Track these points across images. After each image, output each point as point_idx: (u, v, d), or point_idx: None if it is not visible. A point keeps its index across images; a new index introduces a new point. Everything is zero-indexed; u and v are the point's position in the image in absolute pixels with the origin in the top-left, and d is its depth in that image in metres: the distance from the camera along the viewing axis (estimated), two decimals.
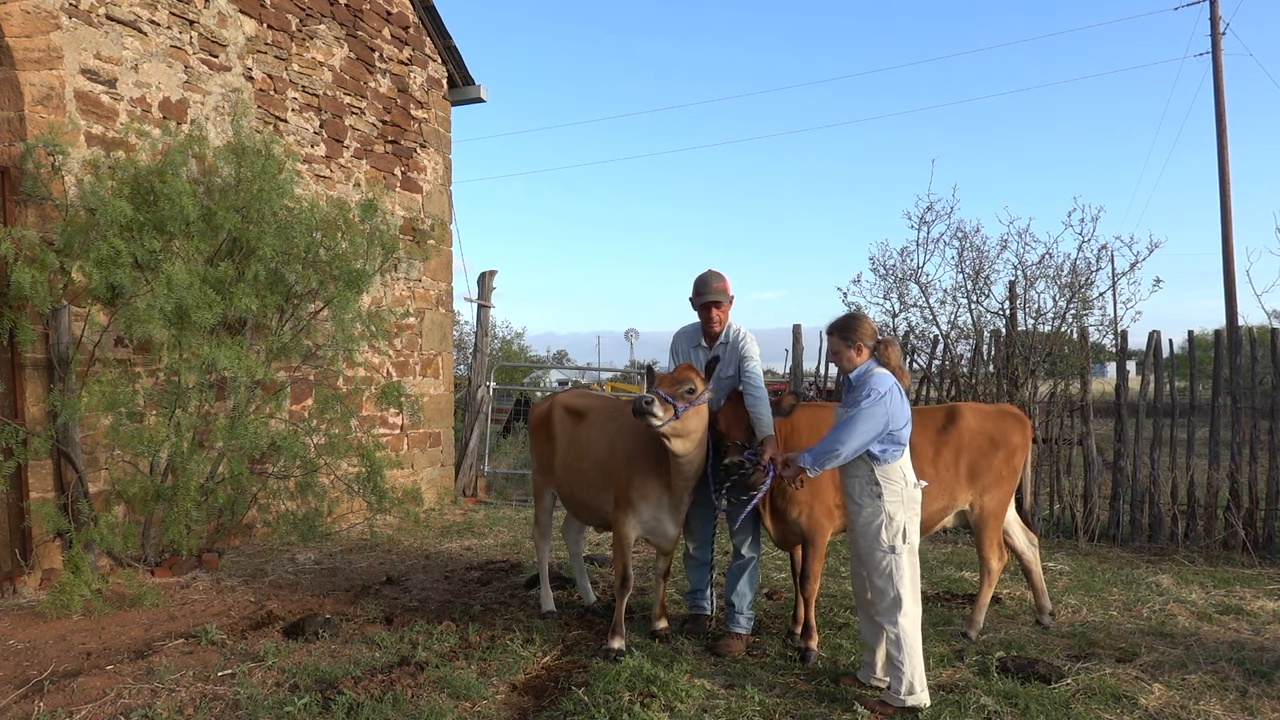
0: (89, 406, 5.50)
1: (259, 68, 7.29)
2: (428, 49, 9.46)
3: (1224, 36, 19.99)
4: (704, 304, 4.87)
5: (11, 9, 5.49)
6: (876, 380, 3.90)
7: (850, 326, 4.06)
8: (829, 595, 5.73)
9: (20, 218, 5.55)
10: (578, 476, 5.05)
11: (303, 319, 6.96)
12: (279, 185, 6.24)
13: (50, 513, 5.40)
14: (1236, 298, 19.11)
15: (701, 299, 4.87)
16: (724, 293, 4.85)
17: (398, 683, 4.04)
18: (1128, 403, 7.78)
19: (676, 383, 4.32)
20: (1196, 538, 7.37)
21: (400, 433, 9.00)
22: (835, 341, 4.08)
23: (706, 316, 4.90)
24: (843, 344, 4.05)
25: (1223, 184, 19.72)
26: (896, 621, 3.84)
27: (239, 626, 5.00)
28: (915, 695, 3.80)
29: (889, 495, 3.89)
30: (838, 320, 4.14)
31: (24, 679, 4.17)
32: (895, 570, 3.87)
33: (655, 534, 4.70)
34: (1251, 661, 4.46)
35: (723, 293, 4.84)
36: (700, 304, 4.90)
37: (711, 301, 4.84)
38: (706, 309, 4.88)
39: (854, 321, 4.08)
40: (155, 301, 5.43)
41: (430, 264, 9.45)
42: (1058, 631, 5.02)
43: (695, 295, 4.92)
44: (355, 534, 7.60)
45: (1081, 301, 8.46)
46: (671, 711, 3.80)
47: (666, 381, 4.35)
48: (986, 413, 5.10)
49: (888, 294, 9.03)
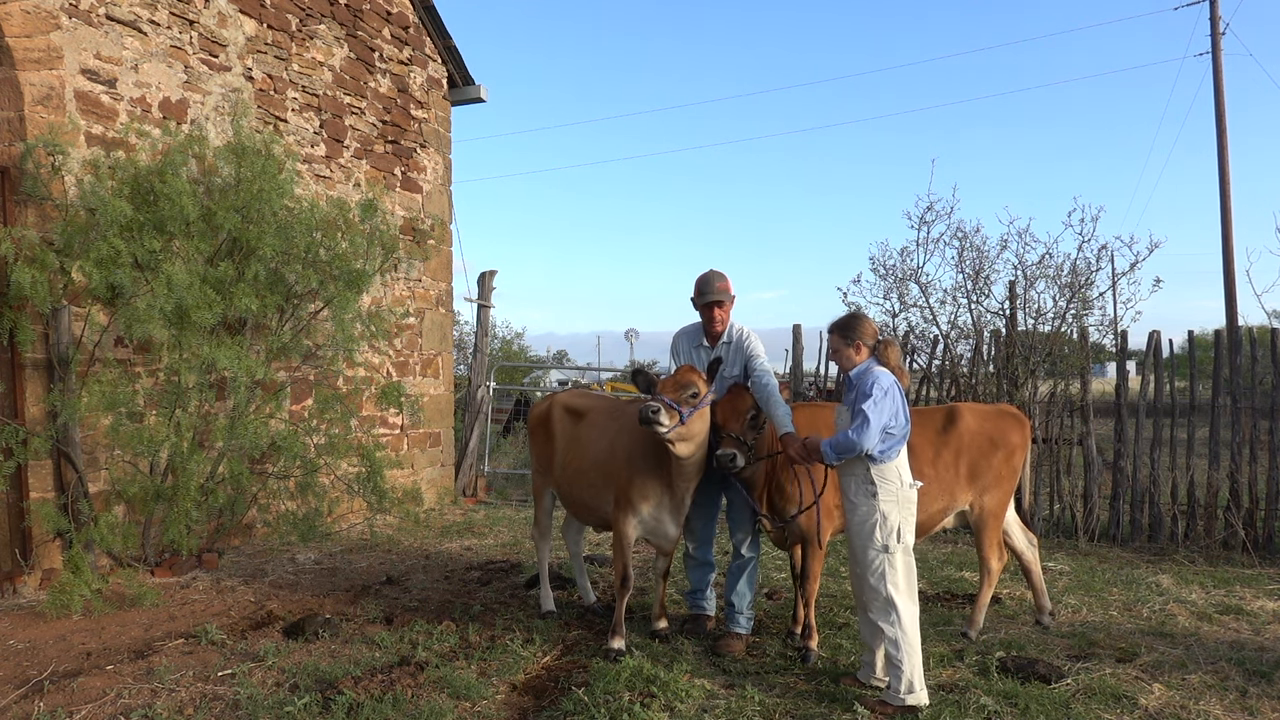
0: (89, 406, 5.50)
1: (259, 68, 7.29)
2: (428, 49, 9.46)
3: (1224, 36, 19.99)
4: (706, 304, 4.87)
5: (11, 9, 5.49)
6: (878, 377, 3.94)
7: (850, 325, 4.10)
8: (829, 595, 5.73)
9: (20, 218, 5.55)
10: (577, 476, 5.04)
11: (303, 319, 6.96)
12: (279, 185, 6.24)
13: (50, 513, 5.40)
14: (1236, 298, 19.12)
15: (704, 299, 4.87)
16: (726, 292, 4.86)
17: (398, 683, 4.05)
18: (1128, 403, 7.78)
19: (680, 387, 4.30)
20: (1196, 538, 7.37)
21: (400, 433, 9.00)
22: (835, 340, 4.13)
23: (709, 316, 4.90)
24: (842, 342, 4.09)
25: (1223, 184, 19.72)
26: (892, 621, 3.85)
27: (239, 626, 5.00)
28: (915, 694, 3.81)
29: (884, 495, 3.91)
30: (839, 319, 4.18)
31: (24, 679, 4.17)
32: (888, 570, 3.89)
33: (655, 534, 4.70)
34: (1251, 661, 4.46)
35: (725, 292, 4.85)
36: (703, 304, 4.90)
37: (714, 301, 4.85)
38: (709, 309, 4.88)
39: (854, 321, 4.12)
40: (155, 301, 5.43)
41: (430, 264, 9.45)
42: (1058, 631, 5.02)
43: (697, 295, 4.92)
44: (355, 534, 7.60)
45: (1081, 301, 8.46)
46: (671, 711, 3.80)
47: (670, 386, 4.32)
48: (985, 413, 5.10)
49: (888, 294, 9.05)
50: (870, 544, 3.92)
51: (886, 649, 3.90)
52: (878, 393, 3.87)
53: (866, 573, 3.94)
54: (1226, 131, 19.48)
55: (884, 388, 3.89)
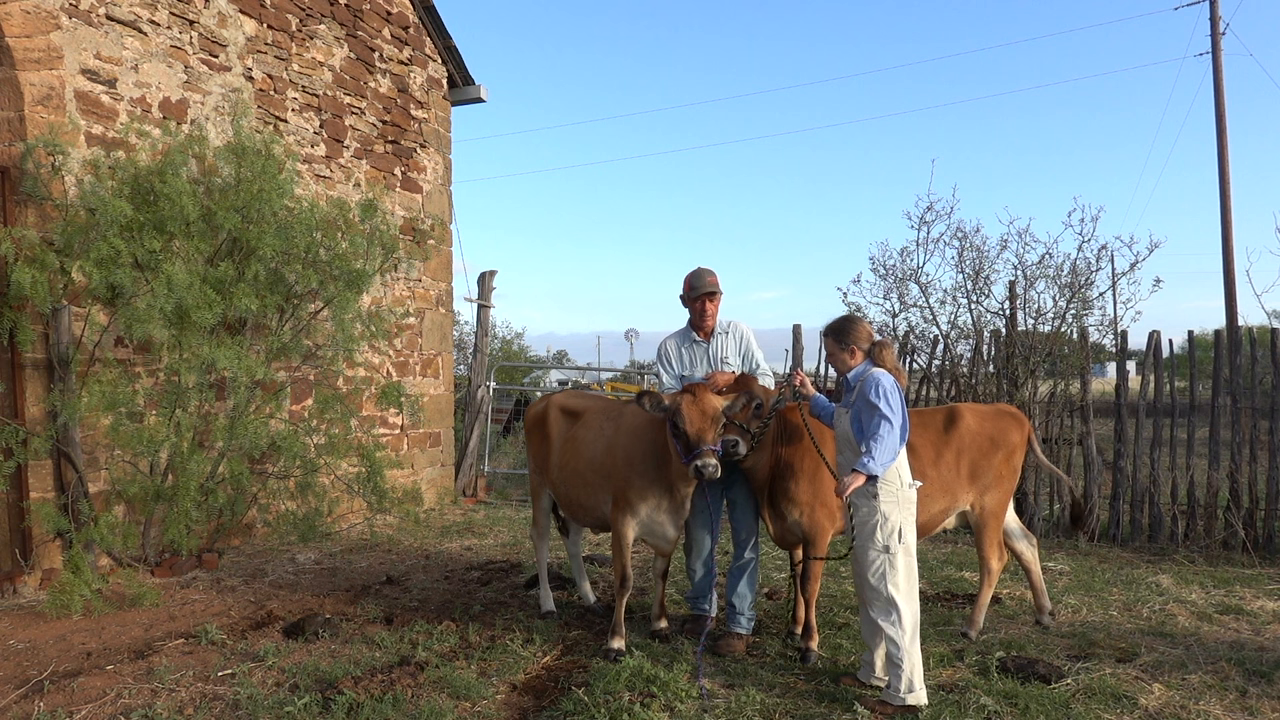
0: (89, 406, 5.49)
1: (259, 68, 7.29)
2: (428, 49, 9.46)
3: (1224, 36, 19.99)
4: (698, 297, 5.00)
5: (11, 9, 5.49)
6: (878, 379, 3.97)
7: (844, 330, 4.15)
8: (829, 595, 5.73)
9: (20, 218, 5.55)
10: (574, 477, 5.02)
11: (303, 319, 6.96)
12: (279, 185, 6.24)
13: (50, 513, 5.40)
14: (1236, 298, 19.11)
15: (696, 292, 5.01)
16: (717, 285, 5.03)
17: (398, 683, 4.05)
18: (1128, 403, 7.78)
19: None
20: (1196, 538, 7.37)
21: (400, 433, 9.00)
22: (830, 344, 4.19)
23: (701, 310, 5.02)
24: (837, 347, 4.15)
25: (1223, 184, 19.71)
26: (893, 621, 3.87)
27: (239, 626, 5.00)
28: (914, 693, 3.82)
29: (884, 495, 3.92)
30: (832, 323, 4.24)
31: (24, 679, 4.17)
32: (889, 570, 3.91)
33: (654, 535, 4.69)
34: (1251, 661, 4.46)
35: (716, 285, 5.02)
36: (695, 297, 5.02)
37: (708, 293, 5.00)
38: (701, 302, 5.01)
39: (848, 324, 4.18)
40: (155, 301, 5.43)
41: (430, 264, 9.45)
42: (1058, 631, 5.02)
43: (689, 290, 5.04)
44: (355, 534, 7.60)
45: (1081, 301, 8.46)
46: (671, 711, 3.80)
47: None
48: (985, 413, 5.10)
49: (888, 294, 9.03)
50: (871, 544, 3.93)
51: (887, 648, 3.91)
52: (884, 393, 3.91)
53: (867, 573, 3.95)
54: (1226, 131, 19.49)
55: (886, 387, 3.93)
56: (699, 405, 4.21)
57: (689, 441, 4.15)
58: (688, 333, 5.14)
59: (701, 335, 5.07)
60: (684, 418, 4.17)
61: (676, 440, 4.25)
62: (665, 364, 5.14)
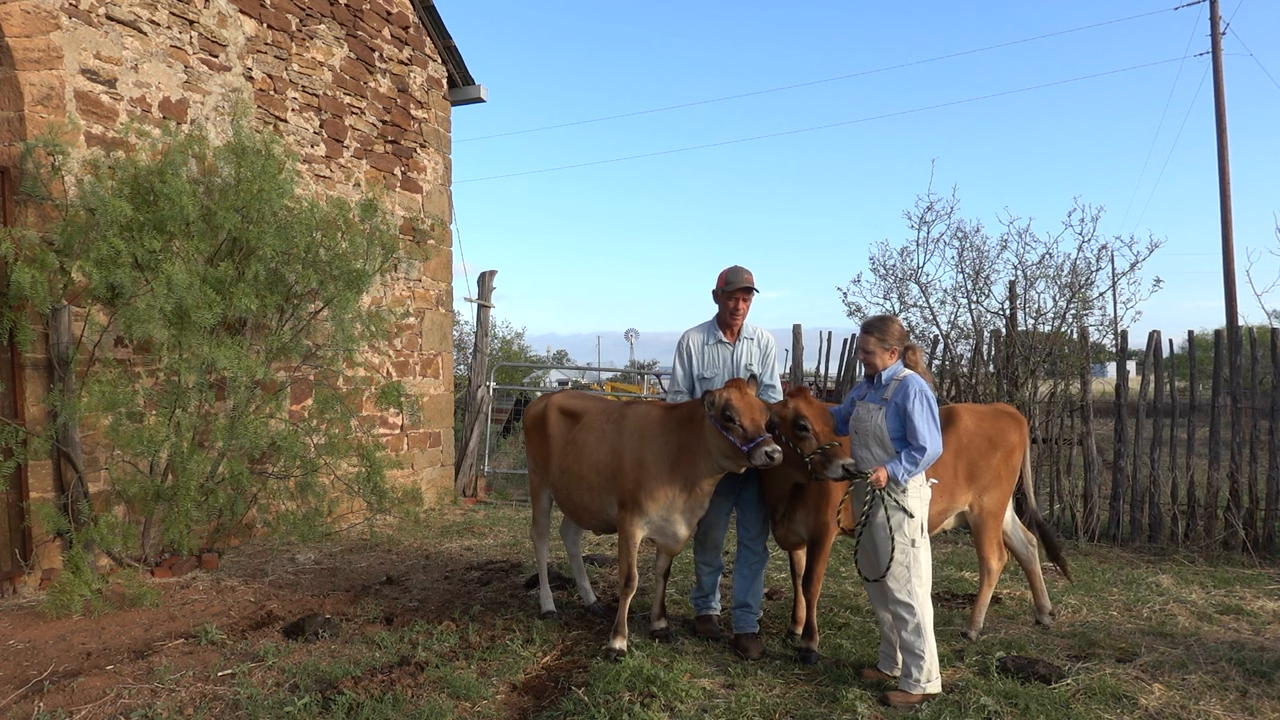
0: (89, 406, 5.49)
1: (259, 68, 7.29)
2: (428, 49, 9.46)
3: (1224, 36, 19.99)
4: (734, 292, 4.92)
5: (11, 9, 5.49)
6: (912, 380, 4.06)
7: (885, 329, 4.20)
8: (829, 595, 5.73)
9: (20, 218, 5.54)
10: (575, 479, 4.97)
11: (303, 319, 6.96)
12: (279, 185, 6.23)
13: (50, 513, 5.40)
14: (1236, 298, 19.11)
15: (733, 286, 4.92)
16: (753, 283, 4.93)
17: (398, 683, 4.05)
18: (1128, 403, 7.78)
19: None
20: (1196, 538, 7.37)
21: (400, 433, 9.00)
22: (872, 341, 4.19)
23: (734, 308, 4.95)
24: (880, 346, 4.17)
25: (1223, 184, 19.71)
26: (914, 612, 3.99)
27: (239, 626, 5.00)
28: (933, 682, 3.97)
29: (911, 492, 4.06)
30: (872, 319, 4.30)
31: (24, 679, 4.17)
32: (913, 564, 4.03)
33: (664, 535, 4.65)
34: (1251, 661, 4.46)
35: (752, 283, 4.93)
36: (730, 292, 4.93)
37: (743, 289, 4.91)
38: (736, 299, 4.94)
39: (887, 324, 4.23)
40: (155, 301, 5.43)
41: (430, 264, 9.45)
42: (1058, 631, 5.02)
43: (724, 285, 4.95)
44: (355, 534, 7.60)
45: (1081, 301, 8.46)
46: (671, 711, 3.80)
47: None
48: (983, 413, 5.10)
49: (888, 294, 9.03)
50: (897, 539, 4.03)
51: (908, 638, 4.01)
52: (921, 398, 4.00)
53: (892, 566, 4.04)
54: (1226, 131, 19.49)
55: (918, 390, 4.02)
56: (748, 398, 4.29)
57: (745, 432, 4.18)
58: (714, 330, 5.05)
59: (729, 336, 5.01)
60: (738, 410, 4.21)
61: (728, 433, 4.23)
62: (684, 359, 5.07)
